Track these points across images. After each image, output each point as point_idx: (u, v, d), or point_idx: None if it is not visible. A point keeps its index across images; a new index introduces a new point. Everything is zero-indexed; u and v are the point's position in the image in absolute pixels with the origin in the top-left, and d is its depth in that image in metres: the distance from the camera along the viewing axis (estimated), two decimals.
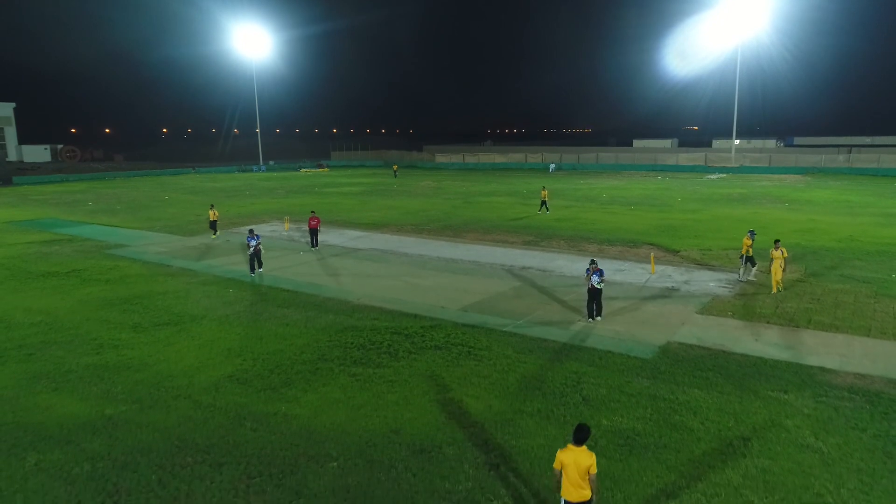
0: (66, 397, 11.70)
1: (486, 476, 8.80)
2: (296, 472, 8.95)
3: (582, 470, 6.60)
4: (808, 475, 8.71)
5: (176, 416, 10.86)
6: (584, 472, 6.60)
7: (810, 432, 9.95)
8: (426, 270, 22.28)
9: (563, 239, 28.23)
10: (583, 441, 6.73)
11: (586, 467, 6.60)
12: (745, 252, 19.91)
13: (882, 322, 15.55)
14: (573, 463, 6.62)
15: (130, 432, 10.25)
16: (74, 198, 50.37)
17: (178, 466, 9.15)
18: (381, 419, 10.61)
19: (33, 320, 16.54)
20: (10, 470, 9.13)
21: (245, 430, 10.29)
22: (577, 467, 6.60)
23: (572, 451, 6.70)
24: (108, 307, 17.80)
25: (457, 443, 9.75)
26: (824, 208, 38.11)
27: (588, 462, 6.61)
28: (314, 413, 10.88)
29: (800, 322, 15.63)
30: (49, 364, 13.37)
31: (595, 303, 15.74)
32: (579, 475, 6.61)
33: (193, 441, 9.91)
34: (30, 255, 25.78)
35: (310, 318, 16.50)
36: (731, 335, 14.72)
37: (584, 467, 6.59)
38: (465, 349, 13.94)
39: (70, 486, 8.68)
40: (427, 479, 8.75)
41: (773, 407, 10.88)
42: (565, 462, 6.67)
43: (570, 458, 6.65)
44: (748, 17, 67.11)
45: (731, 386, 11.78)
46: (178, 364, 13.32)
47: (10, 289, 20.15)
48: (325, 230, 30.79)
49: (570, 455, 6.68)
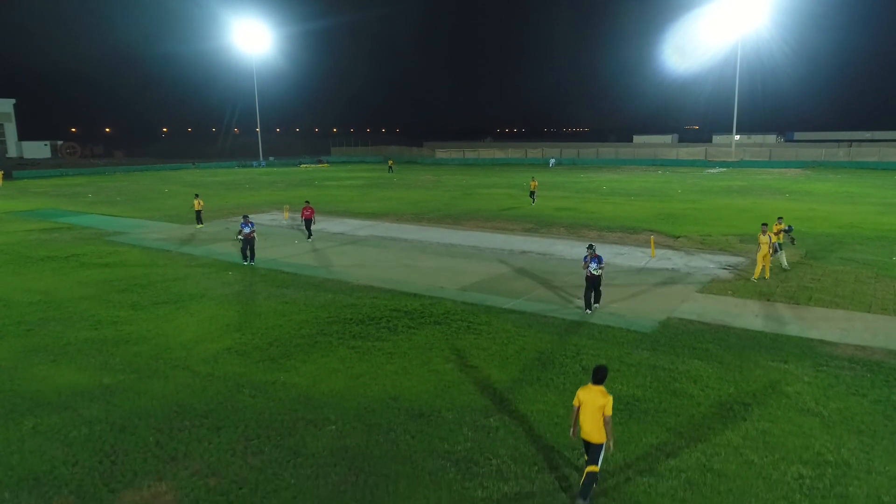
0: (64, 368, 11.66)
1: (486, 438, 8.76)
2: (294, 435, 8.91)
3: (597, 408, 6.89)
4: (809, 436, 8.67)
5: (174, 384, 10.82)
6: (599, 411, 6.88)
7: (811, 398, 9.91)
8: (425, 255, 22.23)
9: (563, 226, 28.19)
10: (601, 381, 7.06)
11: (601, 406, 6.88)
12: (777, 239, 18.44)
13: (882, 299, 15.50)
14: (590, 401, 6.96)
15: (128, 399, 10.21)
16: (74, 190, 50.31)
17: (175, 430, 9.11)
18: (380, 387, 10.57)
19: (31, 299, 16.50)
20: (7, 433, 9.09)
21: (243, 396, 10.25)
22: (593, 405, 6.92)
23: (590, 389, 7.05)
24: (107, 287, 17.76)
25: (456, 408, 9.71)
26: (824, 198, 38.05)
27: (603, 401, 6.90)
28: (312, 382, 10.84)
29: (800, 300, 15.59)
30: (47, 338, 13.33)
31: (594, 291, 14.66)
32: (595, 413, 6.91)
33: (192, 406, 9.87)
34: (29, 241, 25.73)
35: (308, 297, 16.46)
36: (731, 311, 14.68)
37: (598, 405, 6.89)
38: (465, 324, 13.90)
39: (67, 448, 8.64)
40: (426, 440, 8.71)
41: (774, 375, 10.84)
42: (583, 399, 7.06)
43: (588, 396, 7.01)
44: (748, 12, 67.04)
45: (731, 356, 11.74)
46: (177, 338, 13.28)
47: (9, 272, 20.11)
48: (324, 219, 30.76)
49: (587, 393, 7.04)
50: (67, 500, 7.39)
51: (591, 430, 6.98)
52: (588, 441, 7.05)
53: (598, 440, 6.95)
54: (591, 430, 6.98)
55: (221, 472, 7.94)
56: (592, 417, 6.93)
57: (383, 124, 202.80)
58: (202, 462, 8.20)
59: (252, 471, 7.97)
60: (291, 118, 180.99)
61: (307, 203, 26.26)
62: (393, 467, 8.02)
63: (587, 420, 6.99)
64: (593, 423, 6.94)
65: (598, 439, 6.95)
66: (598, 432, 6.93)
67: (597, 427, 6.92)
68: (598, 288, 14.73)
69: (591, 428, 6.98)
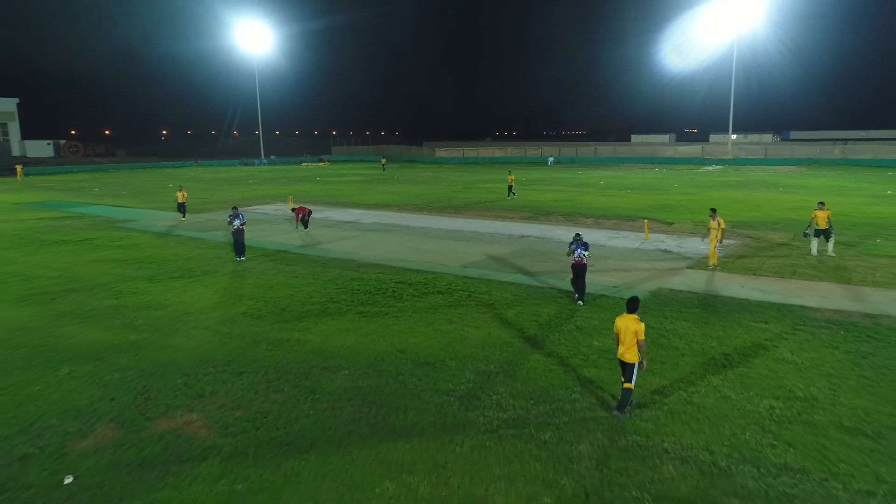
0: (91, 328, 12.44)
1: (486, 380, 9.54)
2: (310, 378, 9.69)
3: (631, 332, 8.13)
4: (782, 378, 9.46)
5: (195, 340, 11.61)
6: (633, 336, 8.12)
7: (787, 350, 10.70)
8: (427, 238, 23.02)
9: (561, 215, 29.00)
10: (634, 310, 8.31)
11: (634, 331, 8.12)
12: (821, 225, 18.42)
13: (863, 274, 16.29)
14: (625, 327, 8.21)
15: (154, 352, 10.99)
16: (80, 185, 51.10)
17: (200, 374, 9.89)
18: (388, 342, 11.35)
19: (52, 275, 17.28)
20: (45, 378, 9.86)
21: (261, 350, 11.03)
22: (628, 331, 8.16)
23: (625, 317, 8.29)
24: (123, 265, 18.54)
25: (459, 358, 10.49)
26: (817, 192, 38.85)
27: (636, 327, 8.13)
28: (325, 339, 11.62)
29: (785, 274, 16.39)
30: (72, 305, 14.12)
31: (580, 280, 13.83)
32: (629, 337, 8.14)
33: (214, 357, 10.66)
34: (42, 228, 26.51)
35: (316, 272, 17.25)
36: (719, 283, 15.48)
37: (632, 331, 8.13)
38: (466, 294, 14.69)
39: (103, 388, 9.42)
40: (431, 382, 9.50)
41: (755, 333, 11.63)
42: (619, 326, 8.31)
43: (623, 323, 8.25)
44: (744, 12, 67.97)
45: (716, 318, 12.53)
46: (194, 305, 14.07)
47: (26, 252, 20.89)
48: (329, 209, 31.55)
49: (623, 321, 8.28)
50: (109, 427, 8.16)
51: (625, 352, 8.20)
52: (623, 361, 8.25)
53: (632, 360, 8.15)
54: (625, 351, 8.20)
55: (246, 406, 8.72)
56: (629, 342, 8.16)
57: (383, 126, 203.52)
58: (227, 398, 8.99)
59: (274, 404, 8.75)
60: (291, 119, 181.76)
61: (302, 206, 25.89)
62: (402, 402, 8.81)
63: (623, 344, 8.22)
64: (628, 346, 8.16)
65: (631, 359, 8.16)
66: (632, 353, 8.14)
67: (631, 349, 8.14)
68: (583, 278, 13.88)
69: (625, 349, 8.20)
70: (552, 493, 6.55)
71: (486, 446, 7.54)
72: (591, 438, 7.71)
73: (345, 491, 6.65)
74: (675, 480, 6.79)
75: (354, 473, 6.98)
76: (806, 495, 6.49)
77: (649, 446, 7.50)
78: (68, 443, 7.74)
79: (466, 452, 7.40)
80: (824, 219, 18.51)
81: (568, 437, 7.75)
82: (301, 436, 7.86)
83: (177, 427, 8.12)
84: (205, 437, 7.86)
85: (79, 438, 7.85)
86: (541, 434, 7.81)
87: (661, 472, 6.94)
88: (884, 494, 6.48)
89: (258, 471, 7.05)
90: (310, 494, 6.58)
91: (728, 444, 7.53)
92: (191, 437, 7.84)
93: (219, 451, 7.49)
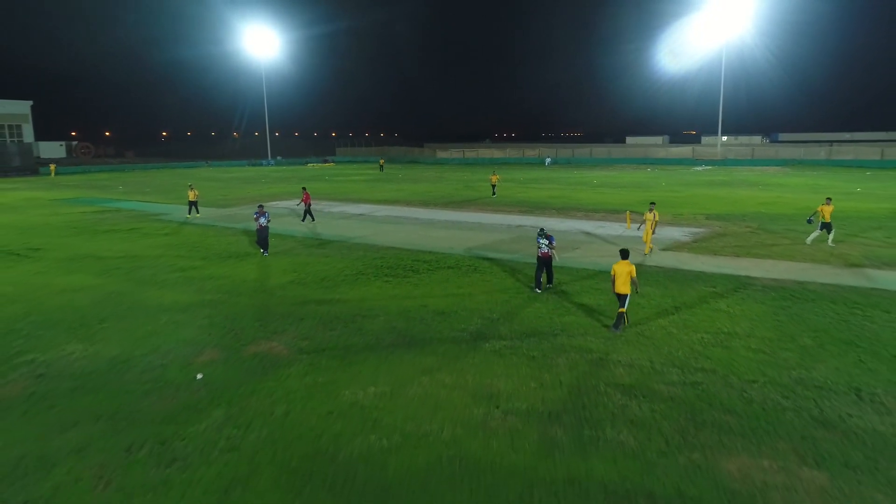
0: (169, 292, 15.41)
1: (491, 323, 12.51)
2: (355, 322, 12.66)
3: (626, 273, 11.56)
4: (715, 321, 12.44)
5: (257, 299, 14.59)
6: (628, 275, 11.54)
7: (725, 304, 13.69)
8: (435, 228, 26.00)
9: (555, 209, 32.01)
10: (626, 257, 11.84)
11: (628, 271, 11.57)
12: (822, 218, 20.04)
13: (810, 255, 19.25)
14: (621, 270, 11.62)
15: (227, 307, 13.96)
16: (102, 184, 54.05)
17: (269, 320, 12.86)
18: (411, 300, 14.33)
19: (118, 255, 20.25)
20: (151, 323, 12.82)
21: (312, 306, 13.99)
22: (623, 271, 11.60)
23: (621, 263, 11.74)
24: (174, 249, 21.50)
25: (468, 310, 13.47)
26: (792, 189, 41.92)
27: (629, 268, 11.58)
28: (360, 299, 14.59)
29: (740, 254, 19.38)
30: (145, 276, 17.10)
31: (546, 270, 14.97)
32: (625, 276, 11.56)
33: (277, 310, 13.63)
34: (88, 220, 29.47)
35: (343, 253, 20.24)
36: (684, 261, 18.46)
37: (626, 271, 11.57)
38: (472, 268, 17.68)
39: (198, 329, 12.39)
40: (448, 324, 12.48)
41: (703, 294, 14.62)
42: (616, 270, 11.68)
43: (619, 268, 11.65)
44: (733, 19, 71.13)
45: (674, 284, 15.53)
46: (247, 277, 17.05)
47: (84, 239, 23.84)
48: (342, 204, 34.48)
49: (619, 266, 11.69)
50: (214, 350, 11.13)
51: (622, 286, 11.61)
52: (619, 294, 11.73)
53: (625, 291, 11.66)
54: (622, 286, 11.60)
55: (311, 338, 11.69)
56: (623, 279, 11.54)
57: (384, 129, 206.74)
58: (296, 334, 11.96)
59: (332, 337, 11.72)
60: (292, 121, 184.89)
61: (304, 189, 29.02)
62: (427, 335, 11.79)
63: (619, 281, 11.59)
64: (624, 282, 11.55)
65: (624, 291, 11.66)
66: (625, 287, 11.61)
67: (625, 284, 11.57)
68: (549, 268, 15.08)
69: (622, 284, 11.59)
70: (537, 382, 9.53)
71: (491, 359, 10.51)
72: (567, 356, 10.67)
73: (394, 381, 9.61)
74: (623, 376, 9.76)
75: (399, 372, 9.95)
76: (710, 383, 9.47)
77: (607, 360, 10.47)
78: (190, 358, 10.71)
79: (477, 362, 10.37)
80: (829, 213, 20.17)
81: (550, 354, 10.72)
82: (356, 352, 10.84)
83: (264, 350, 11.09)
84: (287, 355, 10.83)
85: (196, 356, 10.83)
86: (530, 352, 10.79)
87: (614, 373, 9.92)
88: (763, 383, 9.44)
89: (331, 372, 10.02)
90: (371, 382, 9.56)
91: (664, 358, 10.51)
92: (276, 355, 10.81)
93: (299, 361, 10.47)
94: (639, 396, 8.98)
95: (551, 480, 6.86)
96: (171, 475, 7.05)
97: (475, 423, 8.24)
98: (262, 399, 9.04)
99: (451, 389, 9.30)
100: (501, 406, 8.71)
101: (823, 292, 14.58)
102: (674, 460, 7.26)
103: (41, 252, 21.07)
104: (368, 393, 9.19)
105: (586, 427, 8.07)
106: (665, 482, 6.81)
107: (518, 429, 8.05)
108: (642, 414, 8.43)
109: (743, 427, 8.03)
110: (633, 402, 8.78)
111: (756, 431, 7.91)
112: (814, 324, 12.21)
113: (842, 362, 10.20)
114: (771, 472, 6.97)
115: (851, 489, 6.64)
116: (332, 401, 8.94)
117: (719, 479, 6.87)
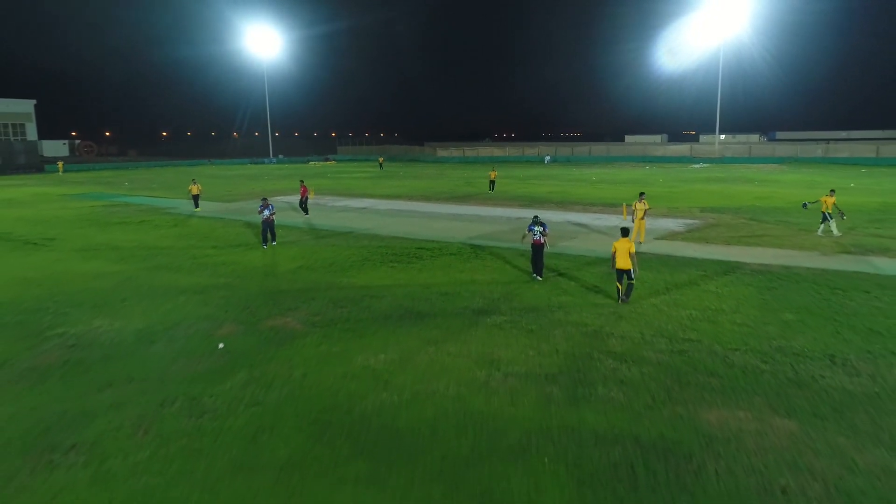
0: (186, 276, 16.15)
1: (492, 302, 13.25)
2: (363, 302, 13.39)
3: (626, 249, 12.64)
4: (704, 300, 13.18)
5: (270, 283, 15.33)
6: (627, 251, 12.60)
7: (714, 286, 14.43)
8: (437, 220, 26.74)
9: (554, 203, 32.76)
10: (626, 235, 13.02)
11: (628, 248, 12.66)
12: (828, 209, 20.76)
13: (796, 242, 20.00)
14: (621, 246, 12.73)
15: (241, 289, 14.70)
16: (108, 180, 54.80)
17: (282, 299, 13.59)
18: (417, 283, 15.07)
19: (132, 245, 20.98)
20: (170, 303, 13.56)
21: (321, 289, 14.73)
22: (623, 248, 12.70)
23: (622, 241, 12.87)
24: (185, 239, 22.24)
25: (471, 291, 14.20)
26: (788, 185, 42.67)
27: (628, 245, 12.69)
28: (368, 281, 15.33)
29: (731, 242, 20.12)
30: (162, 262, 17.83)
31: (538, 258, 15.12)
32: (625, 252, 12.62)
33: (289, 291, 14.37)
34: (98, 213, 30.21)
35: (349, 242, 20.98)
36: (677, 248, 19.20)
37: (626, 248, 12.67)
38: (473, 255, 18.42)
39: (216, 307, 13.12)
40: (452, 303, 13.21)
41: (693, 277, 15.36)
42: (617, 247, 12.80)
43: (620, 244, 12.79)
44: (730, 20, 71.90)
45: (667, 269, 16.27)
46: (258, 262, 17.79)
47: (98, 230, 24.58)
48: (345, 199, 35.22)
49: (619, 243, 12.82)
50: (232, 324, 11.87)
51: (623, 262, 12.67)
52: (621, 269, 12.76)
53: (627, 266, 12.66)
54: (623, 262, 12.66)
55: (322, 315, 12.42)
56: (623, 255, 12.58)
57: (384, 129, 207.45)
58: (308, 312, 12.69)
59: (341, 315, 12.45)
60: (292, 120, 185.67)
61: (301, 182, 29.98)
62: (433, 312, 12.52)
63: (620, 257, 12.65)
64: (624, 258, 12.60)
65: (626, 266, 12.66)
66: (626, 262, 12.62)
67: (627, 260, 12.60)
68: (541, 257, 15.16)
69: (623, 260, 12.65)
70: (535, 350, 10.26)
71: (493, 332, 11.25)
72: (563, 329, 11.41)
73: (402, 350, 10.34)
74: (615, 346, 10.49)
75: (406, 343, 10.69)
76: (696, 351, 10.20)
77: (601, 333, 11.21)
78: (210, 331, 11.45)
79: (480, 335, 11.11)
80: (831, 204, 20.96)
81: (547, 328, 11.45)
82: (365, 326, 11.57)
83: (279, 325, 11.82)
84: (301, 328, 11.57)
85: (216, 329, 11.56)
86: (529, 326, 11.53)
87: (607, 343, 10.65)
88: (745, 351, 10.17)
89: (343, 342, 10.75)
90: (381, 351, 10.29)
91: (654, 331, 11.24)
92: (291, 329, 11.55)
93: (313, 334, 11.20)
94: (629, 361, 9.72)
95: (547, 428, 7.60)
96: (203, 424, 7.79)
97: (478, 383, 8.98)
98: (280, 364, 9.78)
99: (456, 357, 10.03)
100: (502, 370, 9.45)
101: (808, 276, 15.33)
102: (659, 412, 8.00)
103: (57, 242, 21.81)
104: (379, 359, 9.92)
105: (580, 386, 8.81)
106: (650, 429, 7.54)
107: (517, 388, 8.79)
108: (631, 375, 9.17)
109: (723, 386, 8.77)
110: (623, 366, 9.52)
111: (735, 390, 8.65)
112: (797, 302, 12.95)
113: (820, 334, 10.94)
114: (746, 421, 7.70)
115: (817, 433, 7.38)
116: (346, 365, 9.67)
117: (699, 426, 7.61)
